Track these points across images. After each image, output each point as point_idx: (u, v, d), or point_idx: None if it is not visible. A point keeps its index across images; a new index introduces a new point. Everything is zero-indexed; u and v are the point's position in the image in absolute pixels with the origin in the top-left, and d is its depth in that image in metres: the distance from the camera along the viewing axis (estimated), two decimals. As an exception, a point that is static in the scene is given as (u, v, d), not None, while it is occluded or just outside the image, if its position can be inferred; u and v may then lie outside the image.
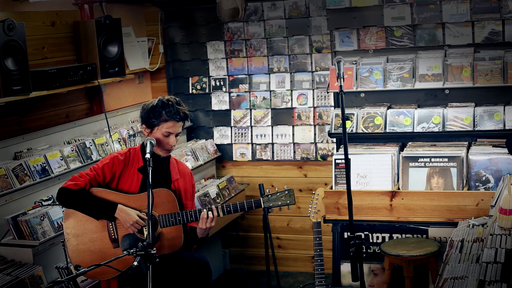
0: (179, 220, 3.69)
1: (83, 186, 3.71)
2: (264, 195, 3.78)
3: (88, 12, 5.06)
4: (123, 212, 3.69)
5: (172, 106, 3.75)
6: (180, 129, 3.80)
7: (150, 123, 3.77)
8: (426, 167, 4.46)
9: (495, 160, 4.34)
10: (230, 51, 5.74)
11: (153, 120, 3.75)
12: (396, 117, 4.74)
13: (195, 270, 3.80)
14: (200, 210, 3.71)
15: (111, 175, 3.78)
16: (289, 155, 5.69)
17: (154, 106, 3.77)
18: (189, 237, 3.85)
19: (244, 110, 5.77)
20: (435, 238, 4.42)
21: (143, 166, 3.81)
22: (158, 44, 5.86)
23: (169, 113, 3.73)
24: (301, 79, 5.57)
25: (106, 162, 3.80)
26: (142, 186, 3.79)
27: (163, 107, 3.74)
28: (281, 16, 5.52)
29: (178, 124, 3.77)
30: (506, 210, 3.42)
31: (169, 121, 3.74)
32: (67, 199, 3.72)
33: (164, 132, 3.74)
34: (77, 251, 3.73)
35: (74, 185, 3.71)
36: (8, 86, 4.04)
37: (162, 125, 3.74)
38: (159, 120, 3.74)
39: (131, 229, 3.70)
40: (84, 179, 3.74)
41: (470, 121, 4.57)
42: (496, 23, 4.63)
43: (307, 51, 5.52)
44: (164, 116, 3.73)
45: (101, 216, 3.73)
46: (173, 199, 3.75)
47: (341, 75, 3.46)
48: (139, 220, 3.68)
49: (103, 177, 3.77)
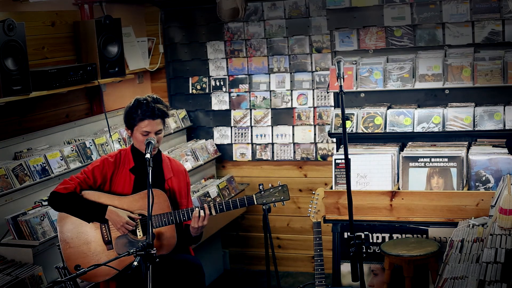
0: (172, 220, 3.69)
1: (73, 189, 3.72)
2: (257, 192, 3.74)
3: (88, 12, 5.06)
4: (113, 214, 3.69)
5: (146, 104, 3.72)
6: (160, 126, 3.76)
7: (129, 123, 3.77)
8: (426, 167, 4.46)
9: (495, 160, 4.34)
10: (230, 51, 5.74)
11: (131, 121, 3.75)
12: (396, 117, 4.74)
13: (187, 271, 3.80)
14: (193, 209, 3.71)
15: (102, 178, 3.78)
16: (289, 155, 5.69)
17: (130, 106, 3.76)
18: (184, 235, 3.84)
19: (244, 110, 5.77)
20: (435, 238, 4.42)
21: (134, 167, 3.81)
22: (158, 44, 5.86)
23: (143, 112, 3.71)
24: (301, 79, 5.57)
25: (97, 164, 3.81)
26: (135, 187, 3.79)
27: (138, 107, 3.73)
28: (281, 16, 5.52)
29: (155, 122, 3.73)
30: (506, 210, 3.42)
31: (145, 120, 3.71)
32: (58, 203, 3.74)
33: (142, 131, 3.72)
34: (72, 253, 3.74)
35: (64, 188, 3.72)
36: (8, 86, 4.04)
37: (139, 125, 3.73)
38: (136, 120, 3.73)
39: (122, 230, 3.70)
40: (74, 182, 3.74)
41: (470, 121, 4.57)
42: (496, 23, 4.63)
43: (307, 51, 5.52)
44: (139, 116, 3.72)
45: (92, 219, 3.74)
46: (165, 199, 3.75)
47: (341, 75, 3.46)
48: (129, 220, 3.69)
49: (93, 180, 3.77)
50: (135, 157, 3.83)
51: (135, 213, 3.73)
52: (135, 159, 3.82)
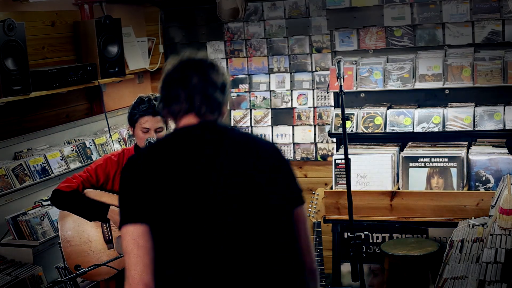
0: None
1: (75, 187, 3.73)
2: None
3: (88, 12, 5.06)
4: (115, 213, 3.70)
5: (147, 101, 3.74)
6: (160, 124, 3.77)
7: (131, 120, 3.79)
8: (426, 167, 4.46)
9: (495, 160, 4.34)
10: (230, 51, 5.74)
11: (132, 117, 3.77)
12: (396, 117, 4.74)
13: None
14: None
15: (105, 177, 3.79)
16: (289, 155, 5.68)
17: (133, 104, 3.79)
18: None
19: (244, 110, 5.77)
20: (435, 238, 4.42)
21: None
22: (158, 44, 5.86)
23: (143, 108, 3.73)
24: (301, 79, 5.57)
25: (99, 163, 3.81)
26: None
27: (140, 103, 3.75)
28: (281, 16, 5.52)
29: (154, 118, 3.75)
30: (506, 210, 3.43)
31: (145, 116, 3.73)
32: (60, 201, 3.74)
33: (142, 128, 3.74)
34: (72, 252, 3.75)
35: (66, 187, 3.73)
36: (8, 86, 4.04)
37: (140, 121, 3.74)
38: (137, 117, 3.75)
39: None
40: (76, 181, 3.75)
41: (470, 121, 4.57)
42: (496, 23, 4.63)
43: (307, 51, 5.52)
44: (140, 112, 3.74)
45: (93, 218, 3.75)
46: None
47: (341, 75, 3.47)
48: None
49: (96, 179, 3.78)
50: None
51: None
52: None
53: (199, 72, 2.22)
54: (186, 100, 2.17)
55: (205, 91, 2.19)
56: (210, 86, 2.21)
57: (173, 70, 2.24)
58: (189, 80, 2.19)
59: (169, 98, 2.20)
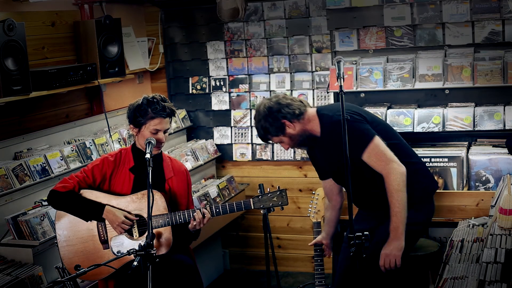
0: (168, 222, 3.69)
1: (71, 188, 3.73)
2: (255, 196, 3.75)
3: (88, 12, 5.06)
4: (110, 213, 3.70)
5: (157, 103, 3.74)
6: (168, 125, 3.79)
7: (137, 122, 3.76)
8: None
9: (495, 160, 4.34)
10: (230, 51, 5.74)
11: (139, 119, 3.74)
12: (396, 117, 4.74)
13: (181, 272, 3.79)
14: (189, 211, 3.71)
15: (102, 177, 3.79)
16: (289, 155, 5.69)
17: (140, 104, 3.76)
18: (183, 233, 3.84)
19: (244, 110, 5.77)
20: (435, 238, 4.42)
21: (134, 166, 3.81)
22: (158, 44, 5.86)
23: (155, 110, 3.72)
24: (301, 79, 5.57)
25: (96, 163, 3.81)
26: (134, 186, 3.79)
27: (148, 105, 3.74)
28: (281, 16, 5.52)
29: (165, 120, 3.76)
30: (506, 210, 3.43)
31: (156, 118, 3.73)
32: (56, 201, 3.75)
33: (152, 129, 3.73)
34: (69, 252, 3.75)
35: (62, 187, 3.73)
36: (8, 86, 4.04)
37: (149, 123, 3.74)
38: (146, 118, 3.73)
39: (118, 229, 3.71)
40: (73, 181, 3.75)
41: (470, 121, 4.57)
42: (496, 23, 4.64)
43: (307, 51, 5.52)
44: (151, 114, 3.72)
45: (89, 218, 3.75)
46: (162, 200, 3.74)
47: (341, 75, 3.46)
48: (125, 220, 3.69)
49: (93, 179, 3.78)
50: (135, 156, 3.83)
51: (132, 214, 3.73)
52: (135, 158, 3.83)
53: None
54: None
55: None
56: None
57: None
58: None
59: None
